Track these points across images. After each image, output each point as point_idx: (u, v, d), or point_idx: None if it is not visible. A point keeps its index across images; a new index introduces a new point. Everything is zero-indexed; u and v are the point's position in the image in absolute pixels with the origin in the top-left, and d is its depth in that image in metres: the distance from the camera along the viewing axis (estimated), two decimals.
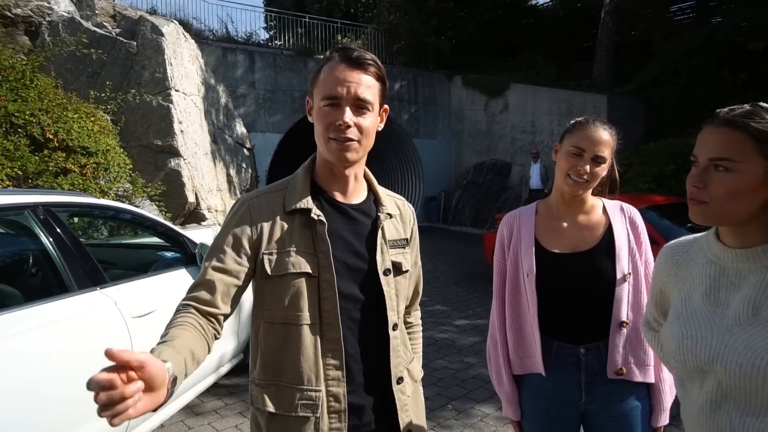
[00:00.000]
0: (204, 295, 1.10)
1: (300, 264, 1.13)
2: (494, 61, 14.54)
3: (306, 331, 1.12)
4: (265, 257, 1.13)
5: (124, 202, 6.15)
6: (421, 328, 1.48)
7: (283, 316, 1.13)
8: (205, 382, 3.01)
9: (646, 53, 11.48)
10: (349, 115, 1.11)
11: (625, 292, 1.48)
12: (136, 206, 6.41)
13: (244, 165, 10.86)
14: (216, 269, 1.12)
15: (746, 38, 8.11)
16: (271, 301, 1.14)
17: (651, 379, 1.51)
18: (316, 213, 1.15)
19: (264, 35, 17.27)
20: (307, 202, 1.16)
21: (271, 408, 1.13)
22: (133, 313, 2.41)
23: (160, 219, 3.24)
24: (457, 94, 14.58)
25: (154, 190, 7.06)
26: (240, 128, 11.18)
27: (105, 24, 8.15)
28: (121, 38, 7.84)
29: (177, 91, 7.95)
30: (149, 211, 6.72)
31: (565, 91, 11.83)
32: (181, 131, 7.89)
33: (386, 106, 1.24)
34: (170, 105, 7.66)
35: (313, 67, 12.52)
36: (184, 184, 7.77)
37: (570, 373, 1.51)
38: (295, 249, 1.14)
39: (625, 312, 1.48)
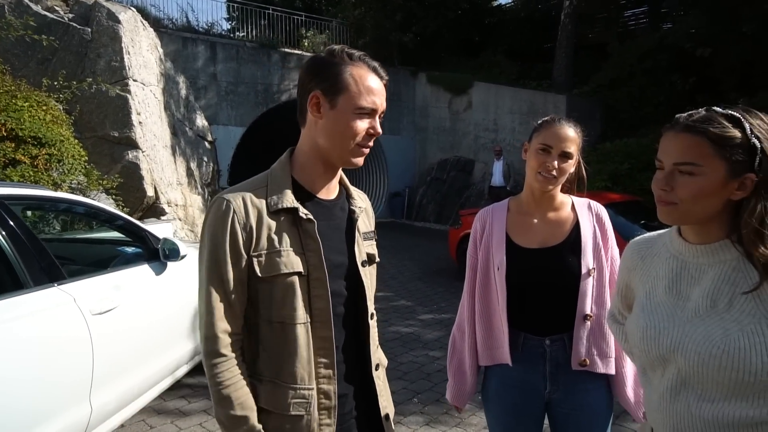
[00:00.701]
0: (229, 331, 1.11)
1: (291, 263, 1.12)
2: (458, 59, 14.71)
3: (300, 330, 1.12)
4: (254, 259, 1.11)
5: (77, 195, 5.90)
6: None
7: (279, 315, 1.13)
8: (160, 385, 2.93)
9: (603, 56, 11.89)
10: (378, 126, 1.19)
11: (589, 286, 1.55)
12: (91, 199, 6.16)
13: (205, 158, 10.59)
14: (226, 293, 1.11)
15: (694, 44, 8.54)
16: (266, 301, 1.14)
17: (612, 371, 1.58)
18: (303, 212, 1.15)
19: (226, 26, 16.86)
20: (293, 201, 1.15)
21: (265, 405, 1.13)
22: (94, 310, 2.33)
23: (121, 213, 3.12)
24: (422, 91, 14.69)
25: (111, 182, 6.80)
26: (201, 121, 10.89)
27: (56, 8, 7.75)
28: (75, 24, 7.49)
29: (135, 81, 7.67)
30: (105, 205, 6.47)
31: (527, 90, 12.11)
32: (140, 123, 7.62)
33: None
34: (128, 95, 7.38)
35: (277, 60, 12.33)
36: (143, 177, 7.52)
37: (535, 364, 1.57)
38: (284, 248, 1.13)
39: (589, 305, 1.54)
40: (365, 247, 1.27)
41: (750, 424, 0.94)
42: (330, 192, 1.25)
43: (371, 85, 1.15)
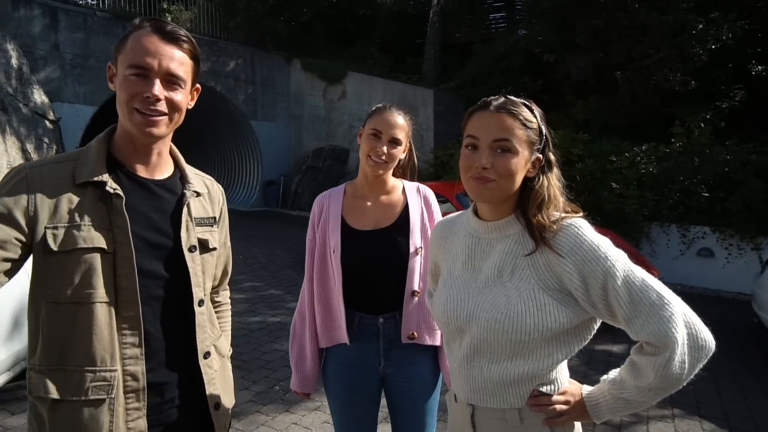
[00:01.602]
0: None
1: (92, 239, 1.06)
2: (333, 48, 14.73)
3: (99, 309, 1.06)
4: (48, 231, 1.04)
5: None
6: (229, 308, 1.47)
7: (71, 295, 1.05)
8: None
9: (467, 54, 12.75)
10: (158, 88, 1.08)
11: (417, 264, 1.64)
12: None
13: (45, 140, 9.31)
14: None
15: (542, 50, 9.57)
16: (56, 279, 1.05)
17: (438, 342, 1.68)
18: (112, 186, 1.09)
19: None
20: (102, 175, 1.09)
21: (54, 395, 1.05)
22: None
23: None
24: (296, 78, 14.45)
25: None
26: (39, 96, 9.52)
27: None
28: None
29: None
30: None
31: (398, 83, 12.56)
32: None
33: (198, 86, 1.22)
34: None
35: None
36: None
37: (370, 342, 1.64)
38: (86, 223, 1.06)
39: (416, 282, 1.64)
40: (198, 233, 1.22)
41: (527, 379, 1.09)
42: (154, 171, 1.19)
43: (146, 45, 1.07)
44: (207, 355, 1.23)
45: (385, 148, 1.60)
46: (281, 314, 5.26)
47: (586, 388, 1.14)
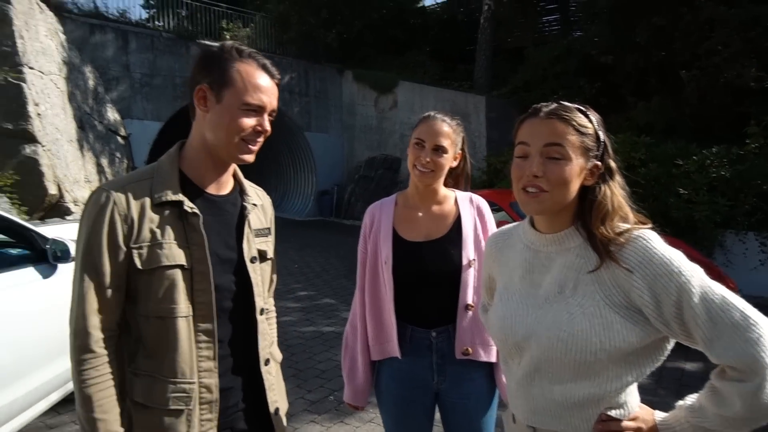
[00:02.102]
0: (100, 327, 1.08)
1: (174, 256, 1.11)
2: (384, 58, 14.85)
3: (181, 324, 1.11)
4: (134, 251, 1.10)
5: None
6: (275, 315, 1.51)
7: (156, 309, 1.11)
8: (49, 398, 2.67)
9: (519, 59, 12.50)
10: (267, 124, 1.18)
11: (470, 276, 1.59)
12: None
13: (117, 154, 9.95)
14: (100, 286, 1.08)
15: (598, 52, 9.21)
16: (143, 295, 1.12)
17: (494, 359, 1.62)
18: (189, 205, 1.14)
19: (139, 13, 15.91)
20: (178, 194, 1.14)
21: (141, 399, 1.11)
22: None
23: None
24: (349, 89, 14.69)
25: (5, 180, 6.21)
26: (112, 114, 10.21)
27: None
28: None
29: (31, 68, 7.05)
30: None
31: (449, 90, 12.47)
32: (38, 114, 7.02)
33: None
34: (22, 84, 6.77)
35: (196, 52, 11.79)
36: (43, 174, 6.94)
37: (423, 356, 1.60)
38: (167, 241, 1.11)
39: (470, 295, 1.59)
40: (257, 244, 1.27)
41: (593, 401, 1.02)
42: (221, 187, 1.24)
43: (259, 82, 1.15)
44: (267, 362, 1.28)
45: (429, 157, 1.56)
46: (335, 323, 5.31)
47: (660, 414, 1.05)
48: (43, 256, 2.76)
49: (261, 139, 1.19)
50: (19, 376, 2.46)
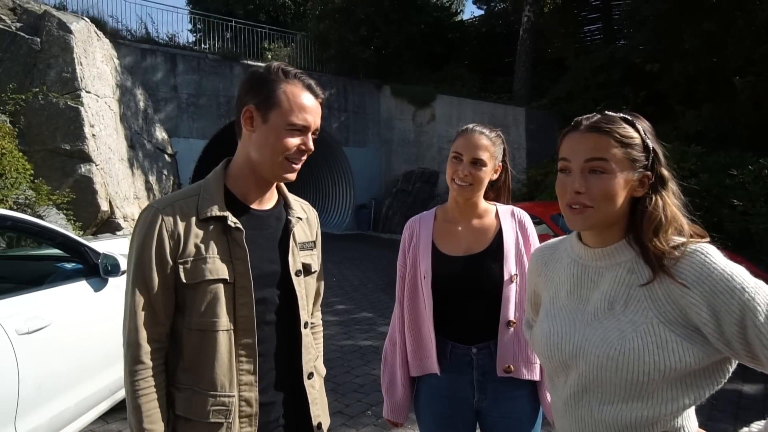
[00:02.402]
0: (151, 338, 1.12)
1: (217, 270, 1.13)
2: (421, 72, 14.95)
3: (222, 337, 1.13)
4: (180, 266, 1.13)
5: (25, 211, 5.67)
6: (322, 329, 1.50)
7: (198, 322, 1.13)
8: (99, 407, 2.76)
9: (560, 70, 12.30)
10: (311, 143, 1.20)
11: (512, 292, 1.55)
12: (39, 216, 5.93)
13: (165, 172, 10.38)
14: (150, 299, 1.12)
15: (644, 60, 8.94)
16: (187, 307, 1.14)
17: (537, 377, 1.57)
18: (232, 220, 1.16)
19: (186, 37, 16.67)
20: (223, 210, 1.17)
21: (183, 413, 1.13)
22: (20, 329, 2.23)
23: (56, 227, 3.00)
24: (386, 104, 14.83)
25: (62, 198, 6.57)
26: (160, 133, 10.68)
27: (3, 17, 7.51)
28: (23, 34, 7.27)
29: (88, 92, 7.48)
30: (55, 220, 6.25)
31: (488, 103, 12.40)
32: (93, 135, 7.42)
33: None
34: (80, 107, 7.19)
35: (240, 73, 12.22)
36: (96, 192, 7.31)
37: (463, 373, 1.56)
38: (211, 255, 1.14)
39: (512, 311, 1.54)
40: (302, 257, 1.28)
41: (647, 425, 0.96)
42: (264, 203, 1.26)
43: (304, 102, 1.17)
44: (311, 376, 1.28)
45: (467, 171, 1.54)
46: (373, 337, 5.29)
47: None
48: (95, 271, 2.88)
49: (304, 158, 1.21)
50: (73, 384, 2.56)
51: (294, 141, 1.17)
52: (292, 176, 1.21)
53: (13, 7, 7.69)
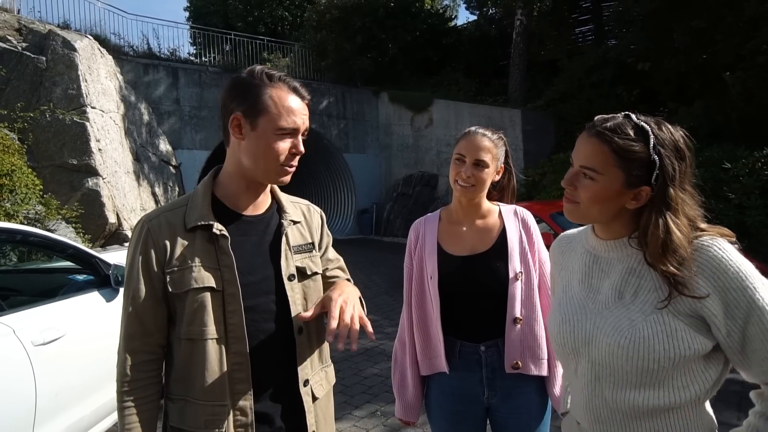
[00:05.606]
0: (136, 351, 1.13)
1: (203, 279, 1.12)
2: (418, 78, 15.12)
3: (211, 346, 1.11)
4: (167, 276, 1.12)
5: (36, 226, 5.82)
6: (342, 273, 1.48)
7: (187, 331, 1.12)
8: (114, 416, 2.73)
9: (554, 71, 12.45)
10: (301, 145, 1.19)
11: (518, 289, 1.56)
12: (49, 229, 6.08)
13: (170, 183, 10.55)
14: (137, 311, 1.13)
15: (635, 59, 9.09)
16: (178, 317, 1.14)
17: (544, 372, 1.59)
18: (218, 228, 1.15)
19: (187, 50, 16.89)
20: (208, 218, 1.15)
21: (176, 423, 1.13)
22: (36, 340, 2.26)
23: (67, 240, 3.08)
24: (385, 110, 14.99)
25: (71, 212, 6.72)
26: (164, 146, 10.85)
27: (9, 38, 7.70)
28: (29, 53, 7.46)
29: (93, 108, 7.66)
30: (65, 234, 6.40)
31: (484, 106, 12.55)
32: (99, 149, 7.59)
33: None
34: (86, 122, 7.36)
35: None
36: (104, 205, 7.47)
37: (472, 371, 1.58)
38: (197, 264, 1.12)
39: (518, 309, 1.56)
40: (296, 261, 1.25)
41: (661, 411, 0.99)
42: (257, 208, 1.25)
43: (291, 105, 1.14)
44: (306, 383, 1.23)
45: (469, 172, 1.57)
46: (379, 339, 5.39)
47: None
48: (107, 281, 2.91)
49: (296, 160, 1.20)
50: (88, 393, 2.58)
51: (285, 145, 1.15)
52: (287, 179, 1.20)
53: (19, 28, 7.88)
